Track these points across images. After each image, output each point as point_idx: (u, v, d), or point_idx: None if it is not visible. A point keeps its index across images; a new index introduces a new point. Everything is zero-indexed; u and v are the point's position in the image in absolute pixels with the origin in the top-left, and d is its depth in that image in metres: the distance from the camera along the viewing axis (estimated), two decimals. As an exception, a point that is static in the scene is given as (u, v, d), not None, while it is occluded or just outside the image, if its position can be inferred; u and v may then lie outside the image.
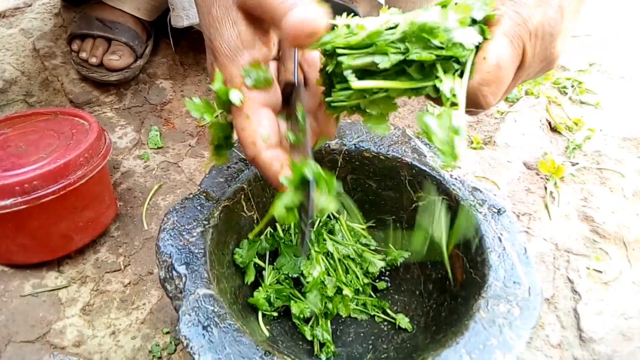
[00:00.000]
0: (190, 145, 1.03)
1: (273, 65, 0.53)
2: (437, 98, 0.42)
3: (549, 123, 1.17)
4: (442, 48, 0.40)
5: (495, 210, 0.67)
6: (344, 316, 0.70)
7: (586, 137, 1.14)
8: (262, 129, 0.48)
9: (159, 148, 1.02)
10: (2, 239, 0.76)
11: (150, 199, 0.93)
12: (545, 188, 1.01)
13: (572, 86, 1.27)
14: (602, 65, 1.35)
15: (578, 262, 0.91)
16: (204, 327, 0.52)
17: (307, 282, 0.66)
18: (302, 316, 0.65)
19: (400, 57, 0.41)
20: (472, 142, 1.08)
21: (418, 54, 0.40)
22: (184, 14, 0.99)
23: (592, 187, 1.04)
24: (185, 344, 0.51)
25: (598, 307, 0.86)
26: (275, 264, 0.67)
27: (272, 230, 0.72)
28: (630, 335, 0.83)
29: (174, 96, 1.12)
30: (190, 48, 1.22)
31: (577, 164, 1.07)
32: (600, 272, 0.91)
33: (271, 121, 0.49)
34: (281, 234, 0.71)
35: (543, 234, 0.94)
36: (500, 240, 0.64)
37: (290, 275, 0.67)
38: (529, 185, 1.02)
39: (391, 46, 0.41)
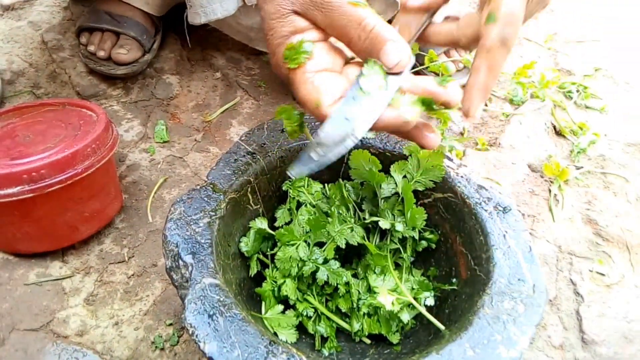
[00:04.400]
0: (196, 140, 1.04)
1: None
2: None
3: (554, 127, 1.17)
4: None
5: (501, 209, 0.67)
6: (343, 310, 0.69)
7: (591, 141, 1.14)
8: (322, 95, 0.51)
9: (164, 142, 1.03)
10: (8, 226, 0.76)
11: (155, 192, 0.93)
12: (550, 191, 1.02)
13: (578, 91, 1.27)
14: (608, 71, 1.35)
15: (581, 264, 0.92)
16: (210, 316, 0.52)
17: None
18: (305, 314, 0.65)
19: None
20: (477, 144, 1.08)
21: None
22: (201, 11, 0.99)
23: (596, 190, 1.04)
24: (190, 332, 0.51)
25: (600, 310, 0.86)
26: (278, 253, 0.67)
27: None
28: (632, 337, 0.83)
29: (181, 91, 1.13)
30: (197, 44, 1.23)
31: (582, 167, 1.08)
32: (603, 275, 0.91)
33: (329, 83, 0.52)
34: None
35: (547, 236, 0.94)
36: (505, 238, 0.64)
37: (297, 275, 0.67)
38: (533, 187, 1.02)
39: None
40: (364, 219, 0.69)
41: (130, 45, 1.08)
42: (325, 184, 0.73)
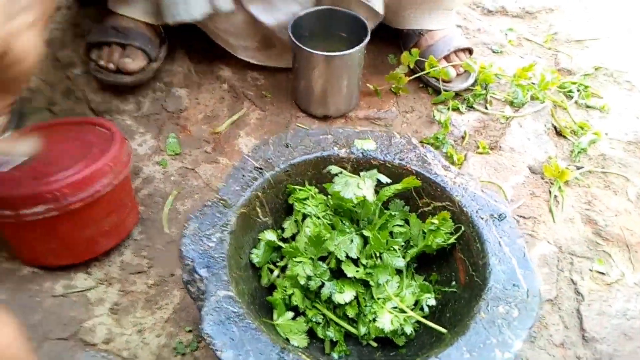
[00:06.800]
0: (206, 152, 1.08)
1: None
2: None
3: (555, 127, 1.19)
4: None
5: (497, 216, 0.71)
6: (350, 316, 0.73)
7: (591, 141, 1.16)
8: None
9: (176, 154, 1.07)
10: (34, 243, 0.81)
11: (169, 204, 0.97)
12: (550, 192, 1.05)
13: (578, 90, 1.29)
14: (609, 69, 1.37)
15: (581, 264, 0.95)
16: (225, 326, 0.57)
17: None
18: (314, 320, 0.69)
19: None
20: (478, 147, 1.11)
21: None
22: (168, 12, 1.07)
23: (596, 190, 1.07)
24: (208, 342, 0.55)
25: (600, 308, 0.89)
26: (286, 272, 0.71)
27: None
28: (632, 335, 0.86)
29: (190, 104, 1.17)
30: (204, 56, 1.27)
31: (582, 167, 1.10)
32: (603, 274, 0.94)
33: None
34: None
35: (547, 237, 0.97)
36: (501, 245, 0.67)
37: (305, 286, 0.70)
38: (534, 189, 1.05)
39: None
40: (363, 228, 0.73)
41: (136, 54, 1.14)
42: (329, 195, 0.77)
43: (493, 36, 1.45)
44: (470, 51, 1.26)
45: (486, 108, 1.21)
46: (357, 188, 0.70)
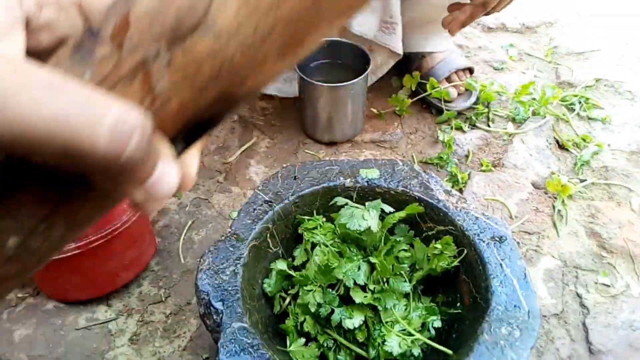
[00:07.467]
0: (218, 182, 1.12)
1: None
2: None
3: (557, 141, 1.22)
4: None
5: (497, 239, 0.74)
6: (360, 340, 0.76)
7: (594, 152, 1.19)
8: None
9: (190, 185, 1.12)
10: (59, 279, 0.86)
11: (184, 235, 1.02)
12: (554, 207, 1.07)
13: (580, 102, 1.32)
14: (609, 80, 1.40)
15: (586, 277, 0.97)
16: (240, 357, 0.60)
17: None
18: (326, 345, 0.72)
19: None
20: (481, 165, 1.14)
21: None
22: None
23: (599, 203, 1.09)
24: (224, 373, 0.59)
25: (606, 320, 0.91)
26: (297, 300, 0.74)
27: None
28: (638, 345, 0.88)
29: (202, 135, 1.22)
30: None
31: (585, 180, 1.12)
32: (608, 286, 0.96)
33: None
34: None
35: (552, 252, 1.00)
36: (502, 267, 0.70)
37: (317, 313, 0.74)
38: (538, 204, 1.08)
39: None
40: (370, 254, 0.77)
41: None
42: (336, 224, 0.80)
43: (494, 53, 1.49)
44: (471, 71, 1.29)
45: (488, 126, 1.24)
46: (362, 219, 0.73)
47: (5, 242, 0.22)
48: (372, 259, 0.75)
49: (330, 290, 0.74)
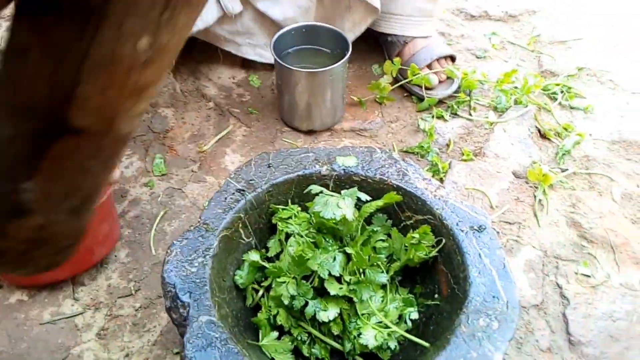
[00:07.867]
0: (192, 171, 1.09)
1: None
2: None
3: (539, 130, 1.20)
4: None
5: (476, 228, 0.71)
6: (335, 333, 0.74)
7: (575, 142, 1.17)
8: None
9: (163, 175, 1.08)
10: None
11: (156, 225, 0.98)
12: (534, 196, 1.05)
13: (562, 92, 1.30)
14: (592, 69, 1.38)
15: (566, 267, 0.95)
16: (207, 352, 0.57)
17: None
18: (300, 338, 0.70)
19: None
20: (462, 154, 1.12)
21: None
22: None
23: (580, 193, 1.07)
24: (189, 369, 0.56)
25: (586, 311, 0.90)
26: (271, 292, 0.71)
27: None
28: (618, 336, 0.87)
29: (176, 123, 1.18)
30: (190, 75, 1.28)
31: (567, 170, 1.11)
32: (589, 276, 0.95)
33: None
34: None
35: (532, 242, 0.98)
36: (481, 257, 0.68)
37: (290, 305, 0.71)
38: (519, 194, 1.06)
39: None
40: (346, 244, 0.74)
41: None
42: (311, 213, 0.77)
43: (476, 41, 1.47)
44: (452, 58, 1.27)
45: (470, 114, 1.22)
46: (337, 207, 0.71)
47: (138, 43, 0.25)
48: (348, 250, 0.73)
49: (305, 281, 0.71)
